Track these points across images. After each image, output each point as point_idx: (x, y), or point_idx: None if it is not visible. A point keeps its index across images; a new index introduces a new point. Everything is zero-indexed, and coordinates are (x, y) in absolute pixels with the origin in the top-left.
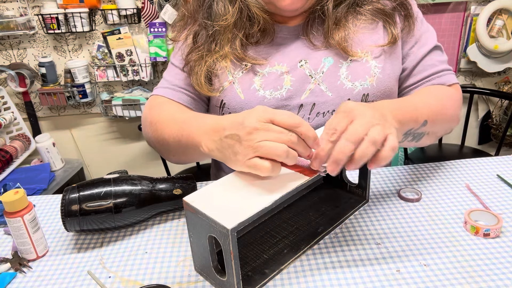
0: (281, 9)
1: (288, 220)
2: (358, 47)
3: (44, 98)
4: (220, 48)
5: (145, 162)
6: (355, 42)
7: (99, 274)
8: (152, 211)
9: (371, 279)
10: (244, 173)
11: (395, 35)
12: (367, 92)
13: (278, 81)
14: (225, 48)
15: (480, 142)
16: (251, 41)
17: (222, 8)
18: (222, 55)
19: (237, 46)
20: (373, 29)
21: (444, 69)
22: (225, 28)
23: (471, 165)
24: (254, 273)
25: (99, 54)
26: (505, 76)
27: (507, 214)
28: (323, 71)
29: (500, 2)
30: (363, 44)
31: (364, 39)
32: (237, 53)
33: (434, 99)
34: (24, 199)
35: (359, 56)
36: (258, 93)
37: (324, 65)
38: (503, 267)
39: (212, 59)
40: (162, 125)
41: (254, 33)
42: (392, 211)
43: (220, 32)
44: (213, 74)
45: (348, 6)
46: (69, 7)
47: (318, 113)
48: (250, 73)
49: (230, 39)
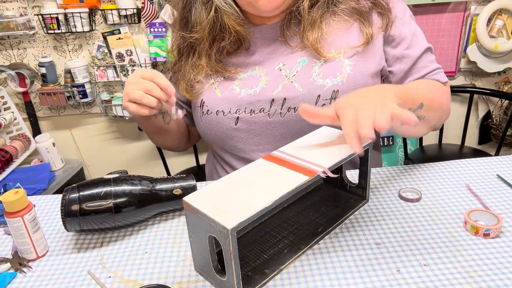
0: (259, 9)
1: (288, 220)
2: (331, 48)
3: (44, 98)
4: (198, 59)
5: (145, 162)
6: (329, 43)
7: (99, 274)
8: (152, 211)
9: (371, 279)
10: (244, 173)
11: (369, 35)
12: (337, 88)
13: (255, 82)
14: (202, 60)
15: (480, 142)
16: (228, 51)
17: (197, 20)
18: (201, 67)
19: (212, 59)
20: (347, 29)
21: (436, 68)
22: (201, 40)
23: (471, 165)
24: (254, 273)
25: (99, 54)
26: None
27: (507, 214)
28: (297, 70)
29: (500, 2)
30: (337, 45)
31: (338, 40)
32: (213, 66)
33: (427, 88)
34: (24, 199)
35: (333, 57)
36: (235, 91)
37: (298, 65)
38: (503, 267)
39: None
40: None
41: (229, 43)
42: (392, 211)
43: (197, 44)
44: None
45: (324, 6)
46: (69, 7)
47: (290, 108)
48: (230, 78)
49: (207, 50)
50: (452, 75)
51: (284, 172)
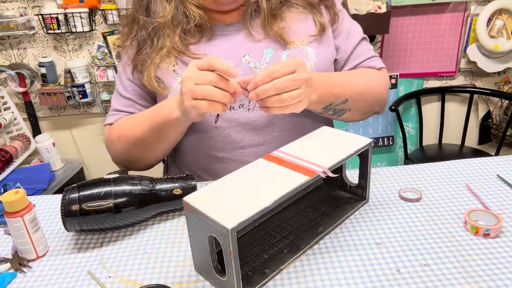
0: (218, 2)
1: (288, 220)
2: (294, 37)
3: (44, 98)
4: (162, 44)
5: None
6: (291, 32)
7: (99, 274)
8: (152, 211)
9: (371, 279)
10: (244, 173)
11: (323, 24)
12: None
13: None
14: (166, 43)
15: (480, 142)
16: (191, 40)
17: (159, 6)
18: (165, 52)
19: (176, 42)
20: (304, 20)
21: (372, 56)
22: (163, 25)
23: (471, 165)
24: (254, 273)
25: (99, 54)
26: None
27: (507, 214)
28: (266, 61)
29: (500, 2)
30: (298, 33)
31: (298, 29)
32: (177, 47)
33: (362, 79)
34: (24, 199)
35: (296, 45)
36: None
37: (266, 56)
38: (503, 267)
39: (158, 57)
40: (131, 131)
41: (192, 29)
42: (392, 211)
43: (160, 28)
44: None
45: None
46: (69, 7)
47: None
48: None
49: (170, 35)
50: (452, 75)
51: (284, 172)
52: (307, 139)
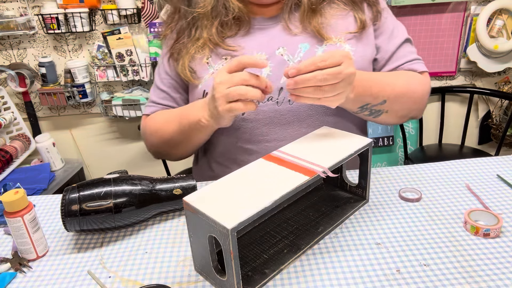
0: None
1: (288, 220)
2: (332, 33)
3: (44, 98)
4: (199, 35)
5: (145, 162)
6: (330, 28)
7: (99, 274)
8: (152, 211)
9: (371, 279)
10: (243, 173)
11: (363, 21)
12: None
13: (258, 69)
14: (203, 35)
15: (480, 142)
16: (228, 33)
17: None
18: (201, 43)
19: (213, 34)
20: (344, 16)
21: (415, 58)
22: (203, 16)
23: (471, 165)
24: (254, 273)
25: (99, 54)
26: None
27: (507, 214)
28: (300, 56)
29: (500, 2)
30: (336, 30)
31: (337, 25)
32: (213, 39)
33: (402, 81)
34: (24, 199)
35: (334, 42)
36: None
37: (300, 51)
38: (503, 267)
39: (193, 47)
40: (163, 128)
41: (230, 21)
42: (392, 211)
43: (198, 19)
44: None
45: None
46: (69, 7)
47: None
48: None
49: (207, 26)
50: (452, 75)
51: (284, 172)
52: (307, 139)
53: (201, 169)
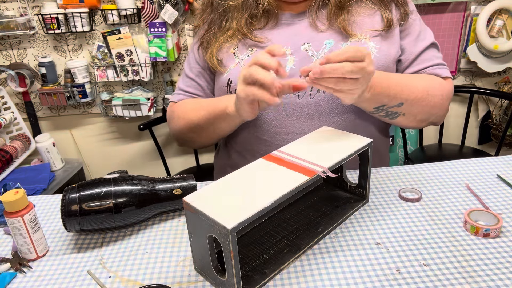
0: None
1: (288, 220)
2: (357, 30)
3: (44, 98)
4: (229, 26)
5: (145, 162)
6: (356, 25)
7: (99, 274)
8: (152, 211)
9: (371, 279)
10: (243, 173)
11: (390, 20)
12: None
13: (282, 61)
14: (233, 26)
15: (480, 142)
16: (257, 26)
17: None
18: (230, 33)
19: (242, 25)
20: (371, 15)
21: (439, 63)
22: (234, 8)
23: (471, 165)
24: (254, 273)
25: (99, 54)
26: (505, 76)
27: (507, 214)
28: (324, 51)
29: (500, 2)
30: (362, 27)
31: (363, 23)
32: (242, 30)
33: (422, 85)
34: (24, 199)
35: (358, 39)
36: None
37: (325, 47)
38: (503, 267)
39: (222, 37)
40: (190, 114)
41: (259, 14)
42: (392, 211)
43: (230, 11)
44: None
45: None
46: (69, 7)
47: (319, 89)
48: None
49: (237, 18)
50: (452, 75)
51: (284, 172)
52: (307, 139)
53: (221, 159)
